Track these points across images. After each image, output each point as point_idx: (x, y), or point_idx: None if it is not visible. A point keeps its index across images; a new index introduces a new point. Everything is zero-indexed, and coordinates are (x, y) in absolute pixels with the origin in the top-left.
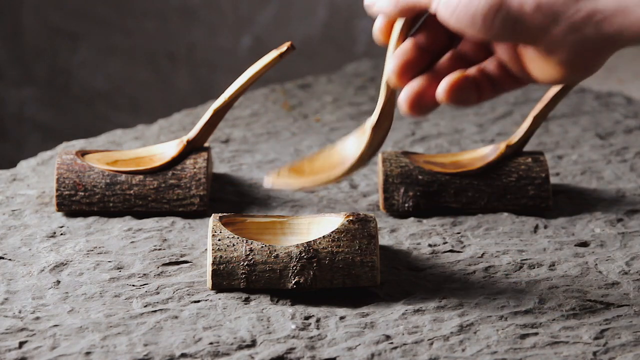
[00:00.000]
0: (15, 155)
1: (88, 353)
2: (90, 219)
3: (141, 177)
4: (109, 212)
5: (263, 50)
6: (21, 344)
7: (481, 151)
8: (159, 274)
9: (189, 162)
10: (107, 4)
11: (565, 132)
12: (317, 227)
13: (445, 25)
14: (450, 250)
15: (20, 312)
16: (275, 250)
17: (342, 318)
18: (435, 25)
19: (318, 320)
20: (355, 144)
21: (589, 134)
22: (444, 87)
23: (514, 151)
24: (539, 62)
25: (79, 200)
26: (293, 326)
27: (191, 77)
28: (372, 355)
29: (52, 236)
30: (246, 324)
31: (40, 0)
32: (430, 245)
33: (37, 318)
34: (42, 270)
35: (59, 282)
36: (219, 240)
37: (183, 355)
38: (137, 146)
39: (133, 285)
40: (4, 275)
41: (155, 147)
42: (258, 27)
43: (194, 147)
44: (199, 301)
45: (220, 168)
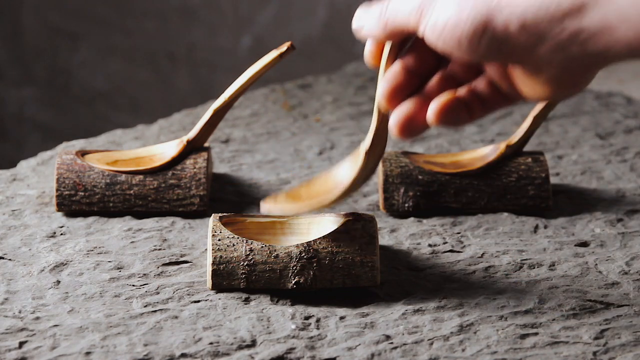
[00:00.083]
0: (15, 155)
1: (88, 353)
2: (90, 219)
3: (141, 177)
4: (109, 212)
5: (263, 50)
6: (21, 344)
7: (481, 151)
8: (159, 274)
9: (189, 162)
10: (107, 4)
11: (565, 132)
12: (317, 227)
13: (433, 47)
14: (450, 250)
15: (20, 312)
16: (275, 250)
17: (342, 318)
18: (424, 47)
19: (318, 320)
20: (349, 168)
21: (589, 134)
22: (433, 109)
23: (514, 151)
24: (528, 81)
25: (79, 200)
26: (293, 326)
27: (191, 77)
28: (372, 355)
29: (52, 236)
30: (246, 324)
31: (40, 0)
32: (430, 245)
33: (37, 318)
34: (42, 270)
35: (59, 282)
36: (219, 240)
37: (183, 355)
38: (137, 146)
39: (133, 285)
40: (4, 275)
41: (155, 147)
42: (258, 27)
43: (194, 147)
44: (199, 301)
45: (220, 168)
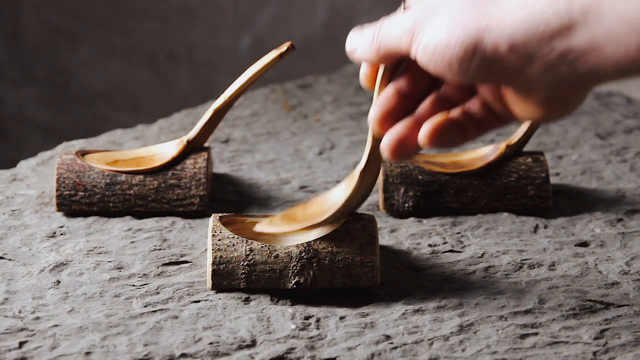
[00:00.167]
0: (15, 155)
1: (88, 353)
2: (90, 219)
3: (141, 177)
4: (109, 212)
5: (263, 50)
6: (21, 344)
7: (481, 151)
8: (159, 274)
9: (189, 162)
10: (107, 4)
11: (565, 132)
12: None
13: (425, 69)
14: (450, 250)
15: (20, 312)
16: (275, 250)
17: (342, 318)
18: (418, 70)
19: (318, 320)
20: (345, 190)
21: (589, 134)
22: (425, 132)
23: (514, 151)
24: (519, 102)
25: (79, 200)
26: (293, 326)
27: (191, 77)
28: (372, 355)
29: (52, 236)
30: (246, 324)
31: (40, 0)
32: (430, 245)
33: (37, 318)
34: (42, 270)
35: (59, 282)
36: (219, 240)
37: (183, 355)
38: (137, 146)
39: (133, 285)
40: (4, 275)
41: (155, 147)
42: (258, 27)
43: (194, 147)
44: (199, 301)
45: (220, 168)
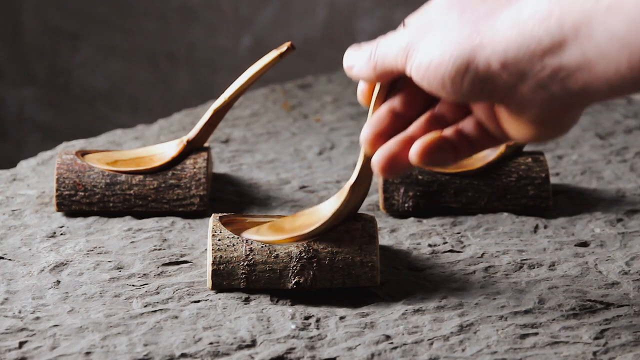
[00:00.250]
0: (15, 155)
1: (88, 353)
2: (90, 219)
3: (141, 177)
4: (109, 212)
5: (263, 50)
6: (21, 344)
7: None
8: (159, 274)
9: (189, 162)
10: (107, 4)
11: None
12: None
13: (420, 87)
14: (450, 250)
15: (20, 312)
16: (275, 250)
17: (342, 318)
18: (414, 90)
19: (318, 320)
20: (334, 203)
21: (589, 134)
22: (416, 149)
23: (514, 151)
24: (513, 121)
25: (79, 200)
26: (293, 326)
27: (191, 77)
28: (372, 355)
29: (52, 236)
30: (246, 324)
31: (40, 0)
32: (430, 245)
33: (37, 318)
34: (42, 270)
35: (59, 282)
36: (219, 240)
37: (183, 355)
38: (137, 146)
39: (133, 285)
40: (4, 275)
41: (155, 147)
42: (258, 27)
43: (194, 147)
44: (199, 301)
45: (220, 168)
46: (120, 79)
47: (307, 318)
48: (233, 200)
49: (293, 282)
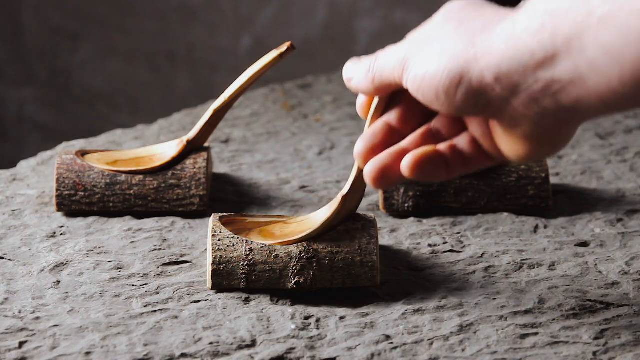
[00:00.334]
0: (15, 155)
1: (88, 353)
2: (90, 219)
3: (141, 177)
4: (109, 212)
5: (263, 50)
6: (21, 344)
7: None
8: (159, 274)
9: (189, 162)
10: (107, 4)
11: None
12: None
13: (416, 99)
14: (450, 250)
15: (20, 312)
16: (275, 250)
17: (342, 318)
18: (411, 105)
19: (318, 320)
20: (326, 213)
21: (589, 134)
22: (408, 162)
23: None
24: (506, 138)
25: (79, 200)
26: (293, 326)
27: (191, 77)
28: (372, 355)
29: (52, 236)
30: (246, 324)
31: (40, 0)
32: (430, 245)
33: (37, 318)
34: (42, 270)
35: (59, 282)
36: (219, 240)
37: (183, 355)
38: (137, 146)
39: (133, 285)
40: (4, 275)
41: (155, 147)
42: (258, 27)
43: (194, 147)
44: (199, 301)
45: (220, 168)
46: (120, 79)
47: (307, 318)
48: (233, 200)
49: (293, 282)
